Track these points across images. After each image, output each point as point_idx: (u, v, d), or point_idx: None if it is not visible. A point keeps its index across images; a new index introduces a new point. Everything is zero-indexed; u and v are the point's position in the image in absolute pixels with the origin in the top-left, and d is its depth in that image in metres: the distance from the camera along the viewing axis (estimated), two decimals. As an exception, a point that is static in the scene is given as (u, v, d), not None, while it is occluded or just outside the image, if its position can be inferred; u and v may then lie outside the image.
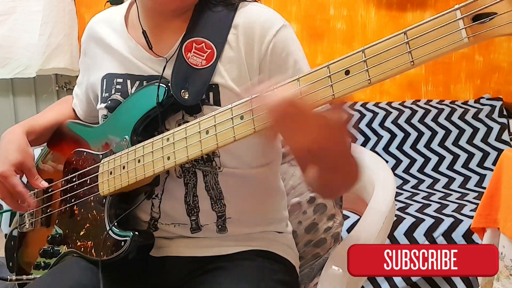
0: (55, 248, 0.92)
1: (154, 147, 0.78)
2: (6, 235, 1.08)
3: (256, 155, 0.86)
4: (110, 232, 0.82)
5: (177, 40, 0.85)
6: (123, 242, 0.80)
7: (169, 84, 0.81)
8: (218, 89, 0.82)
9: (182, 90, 0.81)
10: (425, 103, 2.61)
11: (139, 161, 0.79)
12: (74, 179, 0.91)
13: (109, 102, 0.89)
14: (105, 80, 0.91)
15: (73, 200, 0.90)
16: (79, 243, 0.88)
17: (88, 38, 0.98)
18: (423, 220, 1.92)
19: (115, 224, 0.83)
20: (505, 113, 2.54)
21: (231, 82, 0.82)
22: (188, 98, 0.81)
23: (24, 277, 0.95)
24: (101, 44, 0.94)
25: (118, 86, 0.89)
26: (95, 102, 0.99)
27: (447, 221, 1.90)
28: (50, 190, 0.96)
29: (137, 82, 0.87)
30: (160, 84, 0.81)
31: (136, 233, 0.81)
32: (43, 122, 1.00)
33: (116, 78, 0.89)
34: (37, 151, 1.03)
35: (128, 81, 0.88)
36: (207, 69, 0.82)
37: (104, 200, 0.84)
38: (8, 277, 0.93)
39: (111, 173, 0.83)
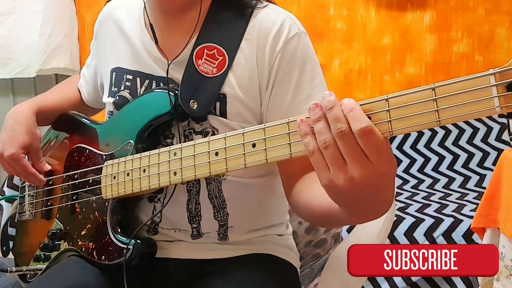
0: (56, 242, 0.92)
1: (160, 158, 0.76)
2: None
3: (262, 165, 0.86)
4: (112, 237, 0.82)
5: (187, 42, 0.83)
6: (125, 250, 0.80)
7: (177, 93, 0.80)
8: (225, 99, 0.80)
9: (191, 101, 0.79)
10: (425, 103, 2.62)
11: (144, 170, 0.78)
12: (76, 176, 0.91)
13: (117, 98, 0.89)
14: (114, 73, 0.90)
15: (74, 197, 0.90)
16: (80, 242, 0.87)
17: (104, 19, 0.95)
18: (423, 220, 1.92)
19: (118, 230, 0.83)
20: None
21: (239, 92, 0.80)
22: (196, 109, 0.79)
23: (24, 268, 0.95)
24: (120, 29, 0.92)
25: (127, 83, 0.88)
26: (100, 90, 0.99)
27: (447, 221, 1.90)
28: (51, 182, 0.96)
29: (147, 81, 0.86)
30: (169, 92, 0.80)
31: (139, 241, 0.80)
32: (52, 103, 0.99)
33: (126, 74, 0.88)
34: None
35: (138, 79, 0.87)
36: (217, 78, 0.80)
37: (106, 203, 0.84)
38: (8, 268, 0.93)
39: (114, 177, 0.82)
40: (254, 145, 0.65)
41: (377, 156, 0.53)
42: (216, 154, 0.69)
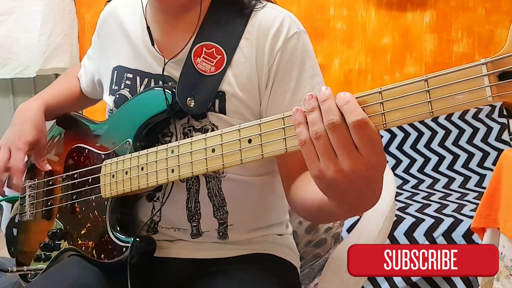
0: (56, 242, 0.92)
1: (158, 156, 0.76)
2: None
3: (262, 163, 0.84)
4: (112, 236, 0.82)
5: (186, 41, 0.83)
6: (124, 248, 0.80)
7: (174, 91, 0.80)
8: (224, 96, 0.81)
9: (188, 98, 0.79)
10: (425, 103, 2.62)
11: (142, 168, 0.78)
12: (76, 176, 0.91)
13: (117, 96, 0.89)
14: (115, 72, 0.91)
15: (74, 197, 0.90)
16: (79, 242, 0.88)
17: (107, 17, 0.96)
18: (423, 220, 1.92)
19: (118, 229, 0.83)
20: (505, 113, 2.55)
21: (238, 90, 0.80)
22: (194, 107, 0.79)
23: (25, 268, 0.95)
24: (121, 28, 0.92)
25: (127, 82, 0.88)
26: (98, 87, 0.99)
27: (447, 221, 1.90)
28: (51, 183, 0.96)
29: (146, 80, 0.87)
30: (166, 90, 0.80)
31: (138, 239, 0.80)
32: (58, 98, 1.01)
33: (126, 73, 0.89)
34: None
35: (138, 78, 0.88)
36: (215, 76, 0.80)
37: (106, 202, 0.84)
38: (9, 268, 0.93)
39: (113, 176, 0.82)
40: (250, 141, 0.65)
41: (370, 149, 0.53)
42: (213, 150, 0.69)
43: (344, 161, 0.54)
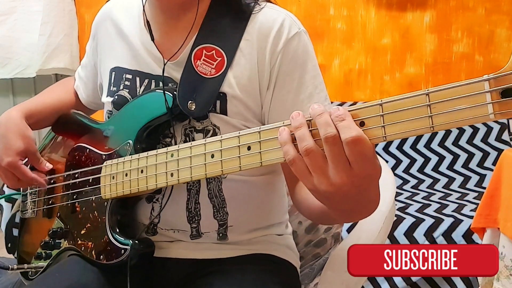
0: (56, 241, 0.92)
1: (158, 159, 0.76)
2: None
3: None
4: (111, 237, 0.82)
5: (186, 41, 0.83)
6: (123, 250, 0.80)
7: (175, 93, 0.80)
8: (226, 98, 0.80)
9: (189, 101, 0.79)
10: (425, 103, 2.62)
11: (142, 171, 0.78)
12: (77, 175, 0.91)
13: (116, 97, 0.89)
14: (113, 73, 0.90)
15: (75, 196, 0.90)
16: (79, 241, 0.88)
17: (103, 19, 0.95)
18: (423, 220, 1.92)
19: (117, 230, 0.83)
20: (505, 113, 2.54)
21: (239, 91, 0.80)
22: (195, 110, 0.79)
23: (25, 265, 0.95)
24: (118, 29, 0.92)
25: (126, 82, 0.88)
26: (99, 90, 0.99)
27: (447, 221, 1.90)
28: (52, 181, 0.96)
29: (146, 81, 0.86)
30: (167, 93, 0.80)
31: (136, 241, 0.80)
32: (42, 105, 0.99)
33: (125, 74, 0.89)
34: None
35: (137, 78, 0.87)
36: (216, 78, 0.80)
37: (105, 203, 0.84)
38: (10, 265, 0.93)
39: (113, 177, 0.82)
40: (249, 148, 0.65)
41: (360, 164, 0.54)
42: (212, 156, 0.69)
43: (336, 174, 0.55)
